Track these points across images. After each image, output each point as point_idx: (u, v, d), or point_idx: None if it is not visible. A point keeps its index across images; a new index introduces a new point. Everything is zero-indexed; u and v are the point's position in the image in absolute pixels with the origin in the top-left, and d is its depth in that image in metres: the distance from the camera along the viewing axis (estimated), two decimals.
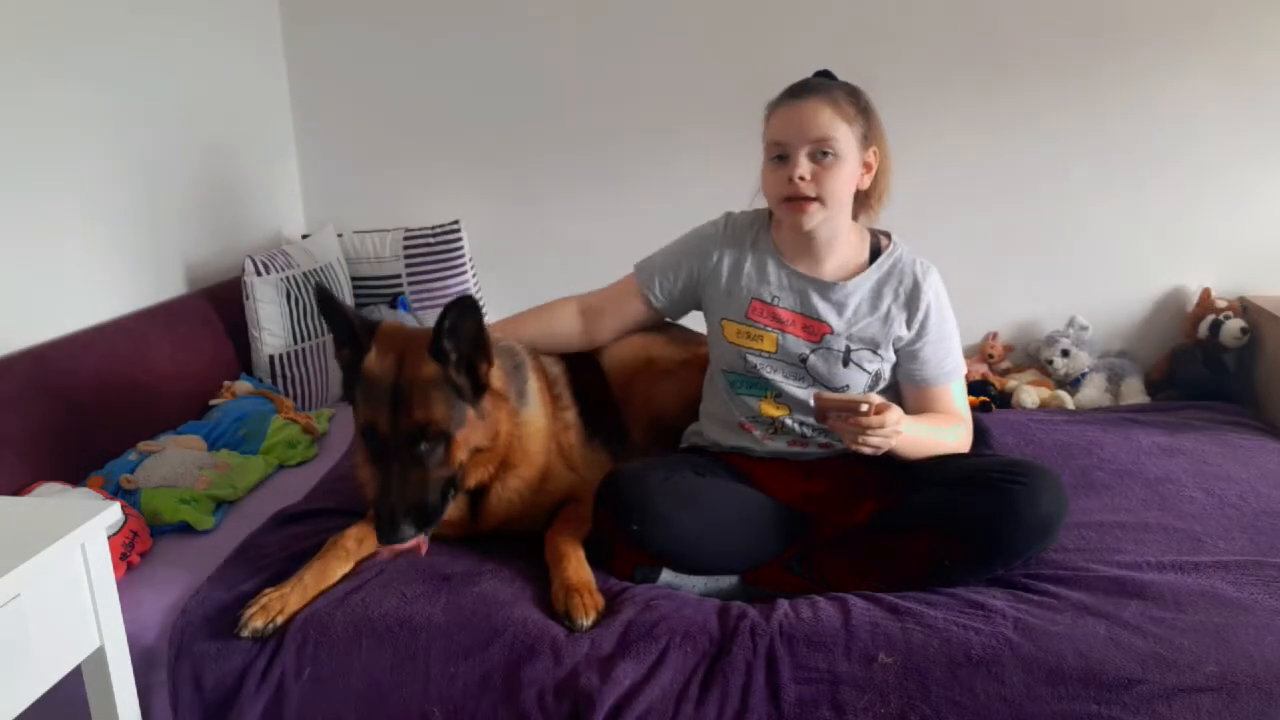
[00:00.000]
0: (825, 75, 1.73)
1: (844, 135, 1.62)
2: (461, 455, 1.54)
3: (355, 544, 1.65)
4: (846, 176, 1.65)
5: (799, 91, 1.66)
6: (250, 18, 2.89)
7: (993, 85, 2.77)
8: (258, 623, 1.47)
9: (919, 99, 2.72)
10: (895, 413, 1.52)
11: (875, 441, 1.52)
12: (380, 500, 1.49)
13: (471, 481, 1.62)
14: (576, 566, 1.55)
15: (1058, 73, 2.73)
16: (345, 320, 1.57)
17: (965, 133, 2.80)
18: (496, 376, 1.62)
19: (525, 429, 1.69)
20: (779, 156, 1.65)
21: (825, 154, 1.62)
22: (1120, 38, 2.69)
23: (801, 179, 1.62)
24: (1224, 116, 2.69)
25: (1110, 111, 2.74)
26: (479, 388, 1.57)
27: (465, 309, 1.51)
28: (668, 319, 1.97)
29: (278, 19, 2.99)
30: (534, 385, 1.77)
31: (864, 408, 1.48)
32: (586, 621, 1.45)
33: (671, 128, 2.93)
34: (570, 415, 1.88)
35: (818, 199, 1.63)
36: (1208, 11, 2.64)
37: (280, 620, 1.48)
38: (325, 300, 1.59)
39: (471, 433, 1.55)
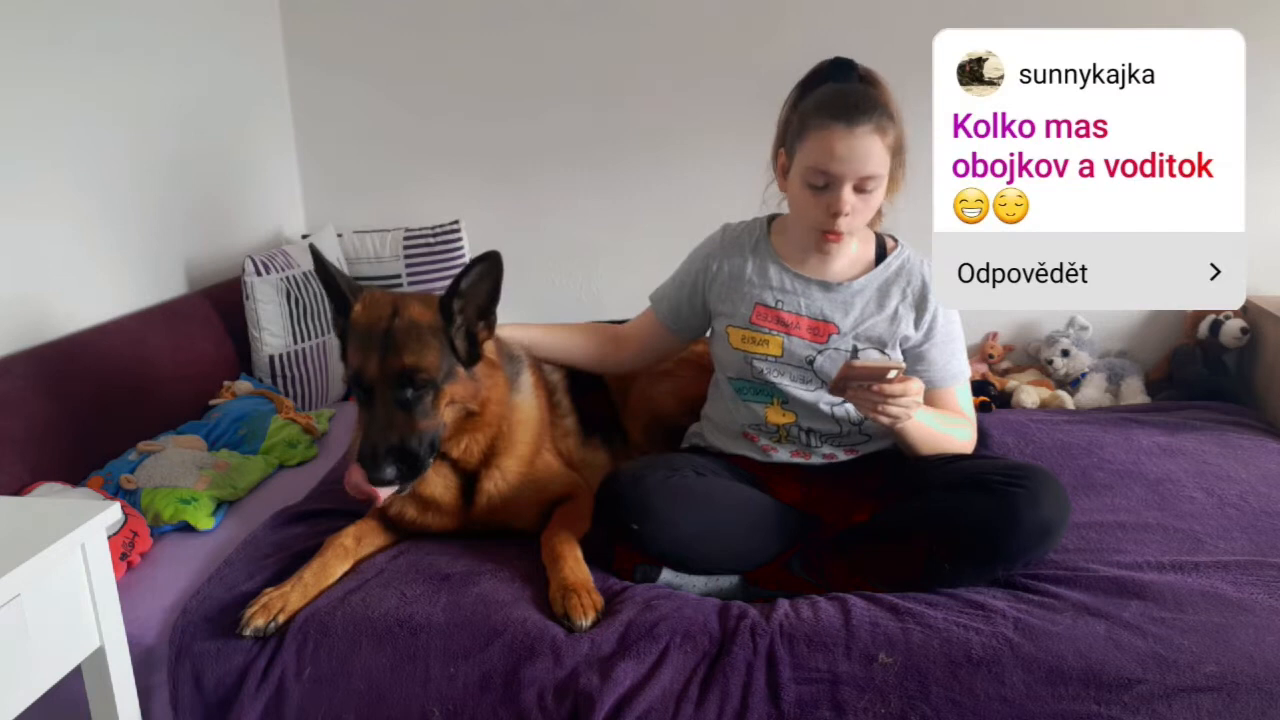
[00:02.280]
0: (847, 65, 1.67)
1: (886, 164, 1.59)
2: (446, 412, 1.55)
3: (354, 542, 1.65)
4: (879, 199, 1.63)
5: (850, 115, 1.55)
6: (250, 18, 2.88)
7: None
8: (259, 621, 1.47)
9: (917, 98, 2.71)
10: (917, 383, 1.51)
11: (894, 411, 1.50)
12: (363, 440, 1.49)
13: (456, 450, 1.62)
14: (574, 566, 1.54)
15: None
16: (332, 280, 1.58)
17: None
18: (491, 350, 1.64)
19: (516, 414, 1.70)
20: (821, 186, 1.59)
21: (869, 189, 1.59)
22: None
23: (846, 215, 1.58)
24: None
25: None
26: (474, 354, 1.59)
27: (493, 264, 1.53)
28: (688, 339, 1.91)
29: (278, 19, 2.99)
30: (528, 379, 1.78)
31: (891, 374, 1.47)
32: (585, 622, 1.45)
33: (672, 128, 2.93)
34: (570, 422, 1.89)
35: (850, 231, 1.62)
36: (1209, 13, 2.63)
37: (282, 619, 1.49)
38: (317, 262, 1.60)
39: (460, 389, 1.56)
